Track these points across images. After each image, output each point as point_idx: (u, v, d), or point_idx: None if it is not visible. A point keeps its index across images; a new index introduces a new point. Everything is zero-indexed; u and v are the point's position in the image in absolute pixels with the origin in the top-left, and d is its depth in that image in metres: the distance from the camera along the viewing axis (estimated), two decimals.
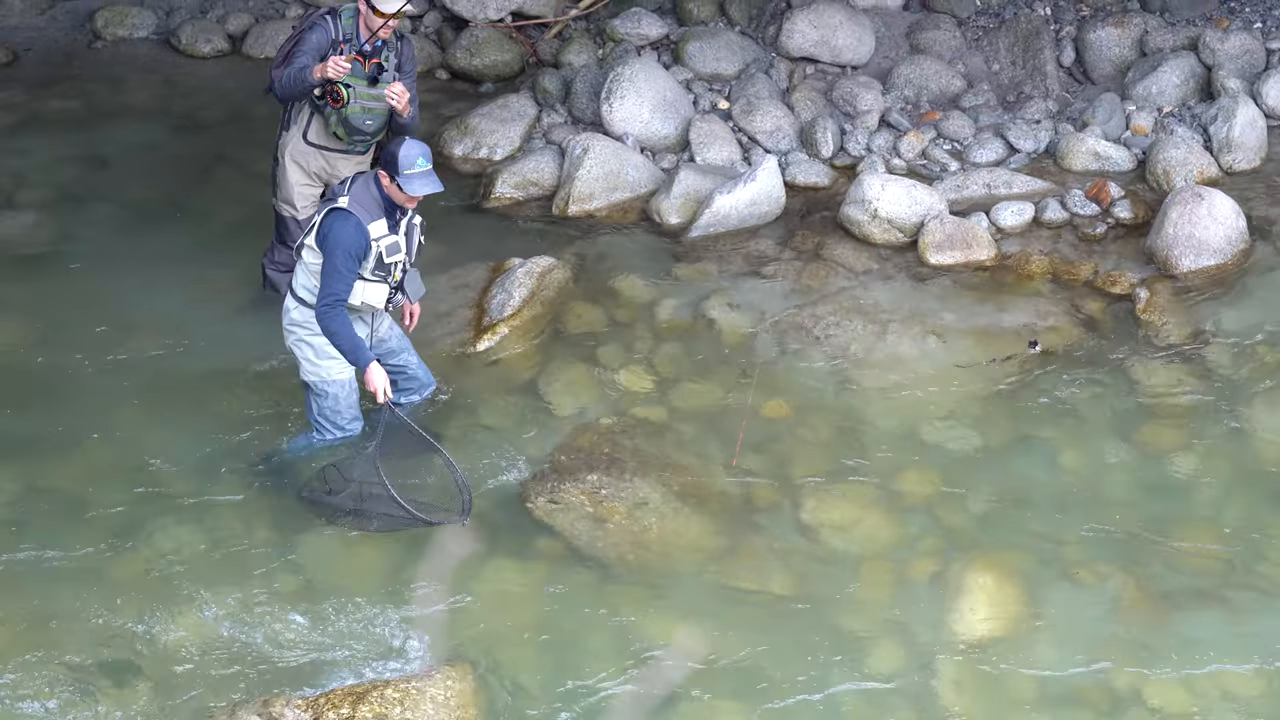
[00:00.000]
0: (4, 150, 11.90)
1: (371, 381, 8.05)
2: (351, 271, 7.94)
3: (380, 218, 8.00)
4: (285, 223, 9.52)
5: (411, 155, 7.86)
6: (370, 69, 9.04)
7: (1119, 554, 8.28)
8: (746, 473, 8.77)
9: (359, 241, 7.91)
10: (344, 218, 7.89)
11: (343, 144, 9.27)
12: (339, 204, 7.93)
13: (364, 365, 8.05)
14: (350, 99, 9.01)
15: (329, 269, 7.91)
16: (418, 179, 7.90)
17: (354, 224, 7.89)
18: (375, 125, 9.20)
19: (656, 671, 7.51)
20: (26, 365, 9.43)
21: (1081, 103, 12.37)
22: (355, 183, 8.02)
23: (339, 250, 7.87)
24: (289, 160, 9.38)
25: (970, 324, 10.00)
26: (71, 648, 7.48)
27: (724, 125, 12.01)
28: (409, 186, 7.88)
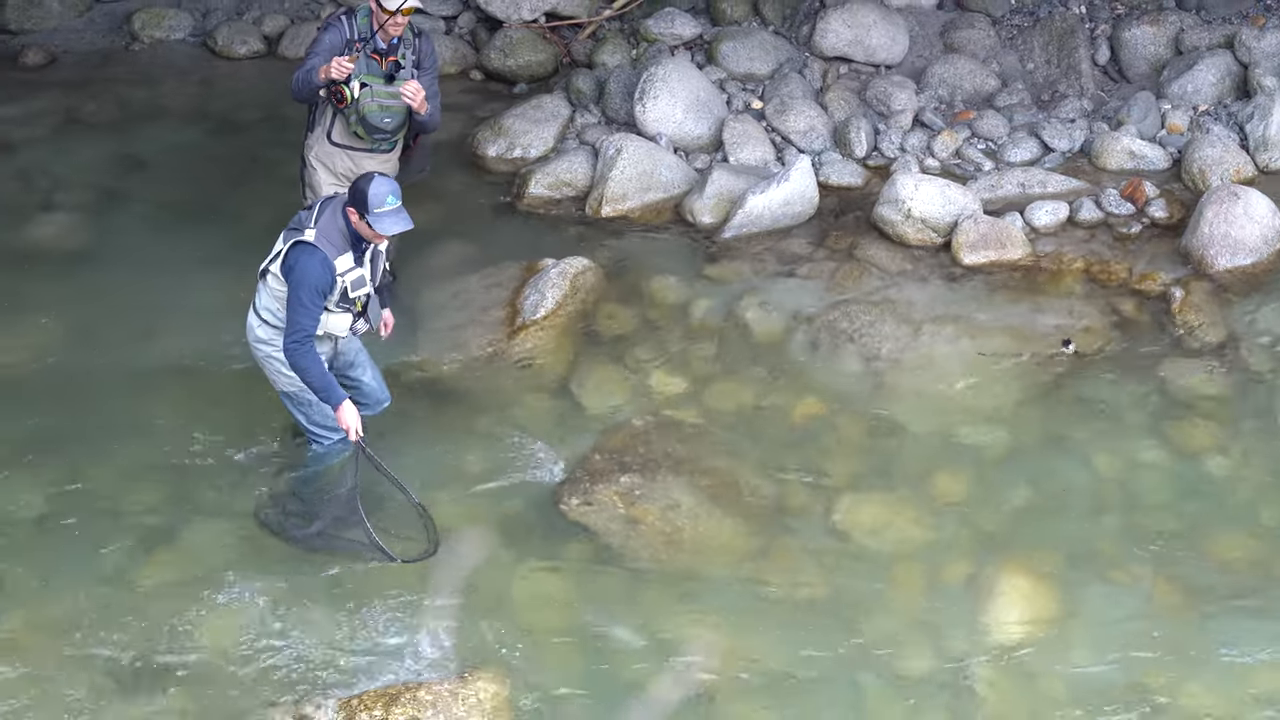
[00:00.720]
0: (42, 152, 11.98)
1: (343, 420, 8.00)
2: (318, 306, 7.87)
3: (346, 251, 7.92)
4: None
5: (381, 193, 7.73)
6: (388, 66, 9.07)
7: (1153, 555, 8.26)
8: (779, 473, 8.77)
9: (325, 277, 7.83)
10: (310, 252, 7.79)
11: (365, 143, 9.29)
12: (305, 237, 7.82)
13: (336, 404, 8.00)
14: (364, 98, 9.04)
15: (295, 304, 7.83)
16: (388, 217, 7.77)
17: (320, 259, 7.80)
18: (394, 123, 9.22)
19: (688, 673, 7.53)
20: (63, 365, 9.49)
21: (1116, 101, 12.32)
22: (323, 214, 7.89)
23: (305, 286, 7.79)
24: (316, 161, 9.43)
25: (1004, 323, 9.97)
26: (105, 648, 7.53)
27: (757, 125, 12.00)
28: (379, 225, 7.77)
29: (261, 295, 8.16)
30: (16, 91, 12.84)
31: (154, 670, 7.43)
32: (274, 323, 8.12)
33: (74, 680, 7.38)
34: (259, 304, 8.19)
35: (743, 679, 7.50)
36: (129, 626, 7.65)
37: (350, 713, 7.08)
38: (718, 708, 7.37)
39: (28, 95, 12.80)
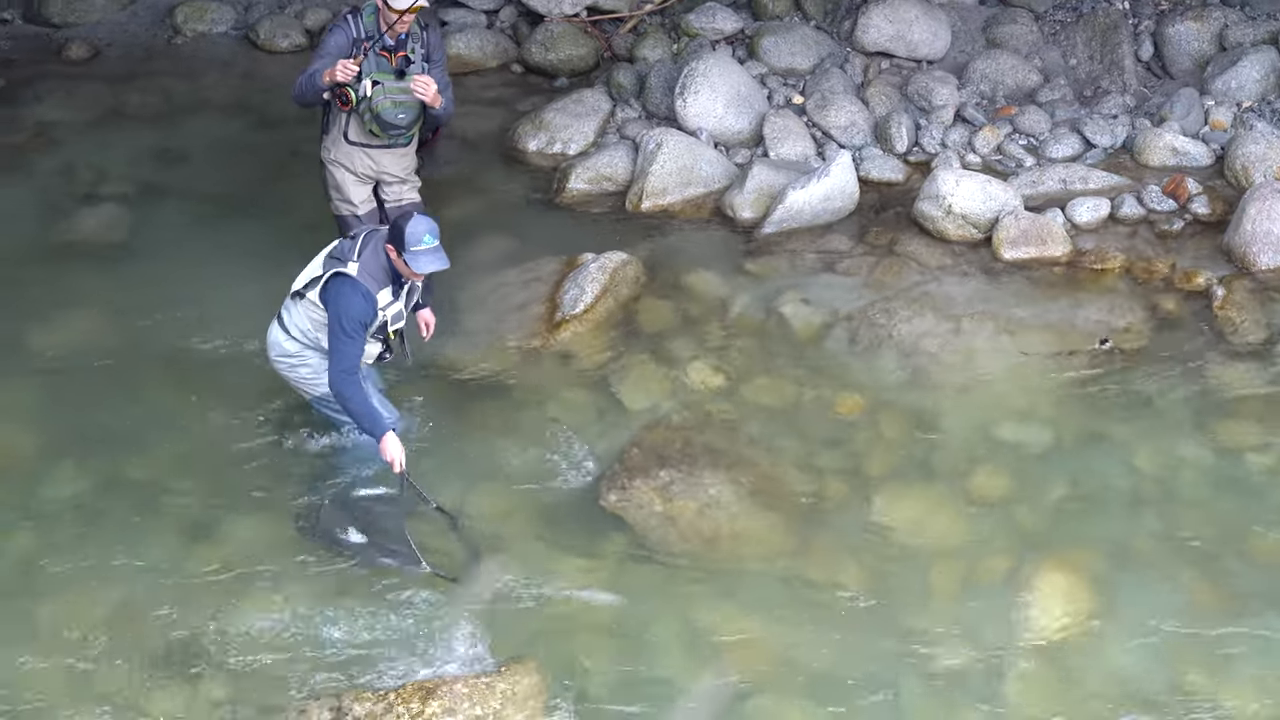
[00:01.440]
0: (85, 144, 12.06)
1: (387, 453, 8.00)
2: (361, 338, 7.92)
3: (387, 285, 7.98)
4: (345, 221, 9.57)
5: (418, 232, 7.79)
6: (397, 62, 9.08)
7: (1192, 553, 8.22)
8: (817, 468, 8.77)
9: (368, 310, 7.89)
10: (354, 286, 7.84)
11: (381, 139, 9.31)
12: (348, 270, 7.86)
13: (380, 435, 8.00)
14: (377, 96, 9.03)
15: (339, 335, 7.87)
16: (424, 256, 7.82)
17: (363, 293, 7.85)
18: (408, 118, 9.21)
19: (724, 668, 7.54)
20: (105, 357, 9.55)
21: (1159, 98, 12.26)
22: (365, 247, 7.94)
23: (349, 317, 7.84)
24: (335, 163, 9.44)
25: (1044, 320, 9.94)
26: (146, 640, 7.60)
27: (798, 120, 11.98)
28: (415, 264, 7.83)
29: (293, 313, 8.18)
30: (60, 85, 12.93)
31: (193, 660, 7.49)
32: (303, 341, 8.18)
33: (113, 669, 7.45)
34: (288, 321, 8.22)
35: (779, 675, 7.51)
36: (169, 616, 7.72)
37: (388, 705, 7.11)
38: (754, 703, 7.38)
39: (71, 88, 12.89)
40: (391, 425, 8.09)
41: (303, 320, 8.14)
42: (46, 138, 12.14)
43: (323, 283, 7.95)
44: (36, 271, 10.32)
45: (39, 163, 11.79)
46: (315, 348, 8.20)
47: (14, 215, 11.06)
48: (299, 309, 8.14)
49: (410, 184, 9.63)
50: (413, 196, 9.66)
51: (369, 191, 9.56)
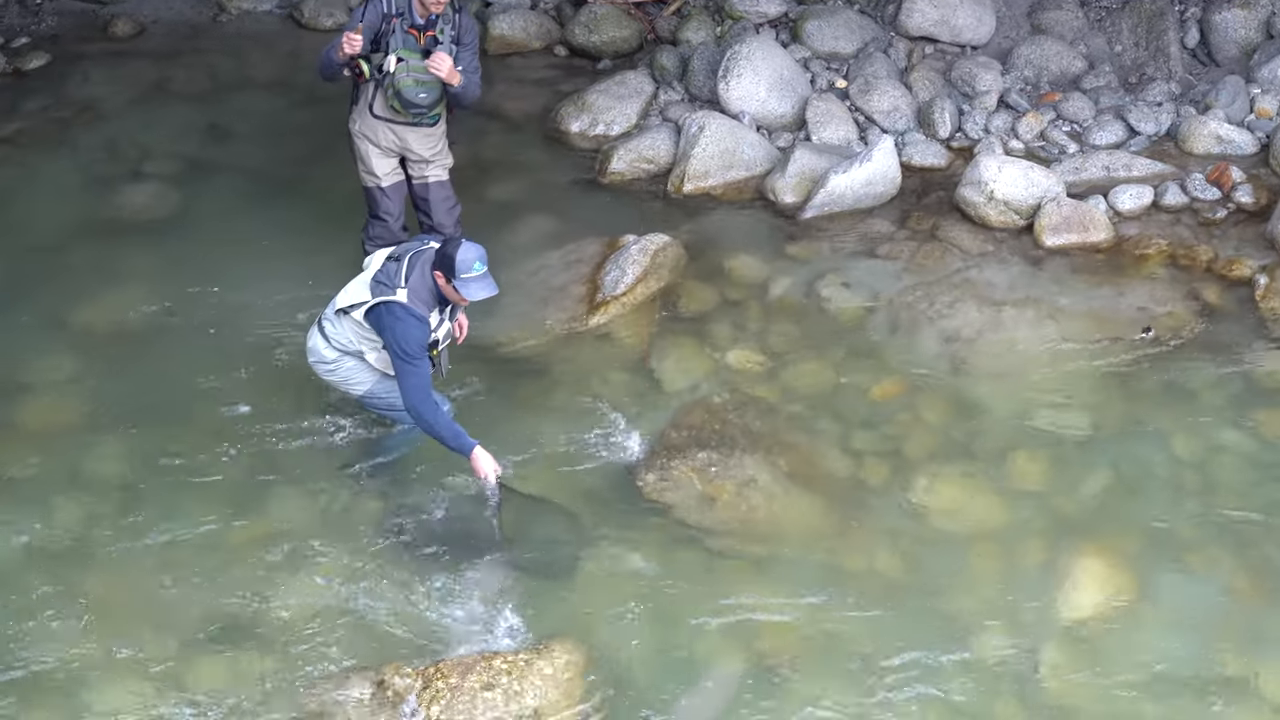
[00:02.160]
0: (130, 122, 12.14)
1: (479, 468, 7.98)
2: (426, 359, 7.92)
3: (435, 307, 7.99)
4: (371, 193, 9.65)
5: (468, 259, 7.78)
6: (425, 42, 9.10)
7: (1232, 541, 8.21)
8: (856, 452, 8.78)
9: (425, 335, 7.89)
10: (407, 312, 7.82)
11: (403, 116, 9.33)
12: (397, 298, 7.84)
13: (467, 452, 7.98)
14: (400, 73, 9.07)
15: (405, 362, 7.85)
16: (474, 283, 7.82)
17: (418, 319, 7.85)
18: (429, 97, 9.23)
19: (762, 649, 7.57)
20: (149, 333, 9.65)
21: (1205, 85, 12.19)
22: (413, 271, 7.91)
23: (410, 343, 7.84)
24: (360, 134, 9.49)
25: (1086, 307, 9.91)
26: (189, 609, 7.68)
27: (841, 104, 11.97)
28: (465, 291, 7.82)
29: (337, 328, 8.18)
30: (106, 62, 13.01)
31: (236, 632, 7.57)
32: (342, 350, 8.21)
33: (158, 639, 7.53)
34: (329, 332, 8.22)
35: (816, 656, 7.53)
36: (213, 588, 7.81)
37: (427, 680, 7.15)
38: (790, 684, 7.40)
39: (117, 65, 12.98)
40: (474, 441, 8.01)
41: (346, 334, 8.16)
42: (92, 114, 12.23)
43: (371, 308, 7.93)
44: (82, 247, 10.42)
45: (84, 139, 11.88)
46: (353, 354, 8.22)
47: (60, 191, 11.16)
48: (343, 324, 8.15)
49: (437, 164, 9.66)
50: (439, 175, 9.68)
51: (394, 164, 9.59)
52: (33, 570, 7.90)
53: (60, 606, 7.68)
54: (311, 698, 7.22)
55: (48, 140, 11.84)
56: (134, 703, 7.21)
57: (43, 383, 9.19)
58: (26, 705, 7.19)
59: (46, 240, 10.48)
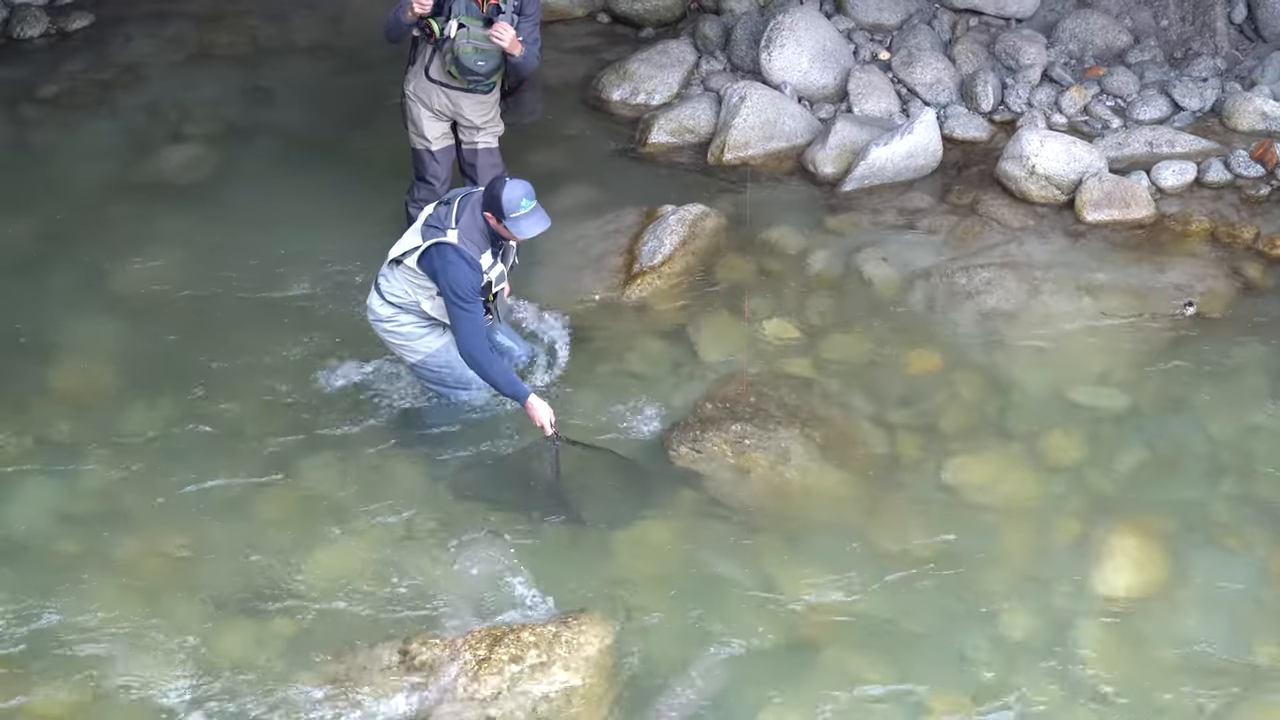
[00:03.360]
0: (172, 84, 12.17)
1: (535, 416, 8.00)
2: (479, 304, 7.97)
3: (487, 249, 8.01)
4: (420, 156, 9.63)
5: (515, 197, 7.79)
6: (488, 10, 9.08)
7: (1269, 521, 8.17)
8: (891, 426, 8.76)
9: (476, 277, 7.91)
10: (458, 254, 7.84)
11: (459, 83, 9.32)
12: (448, 239, 7.87)
13: (523, 399, 8.01)
14: (460, 39, 9.03)
15: (458, 307, 7.89)
16: (526, 220, 7.84)
17: (468, 259, 7.86)
18: (488, 66, 9.19)
19: (793, 623, 7.56)
20: (189, 294, 9.68)
21: (1251, 61, 12.08)
22: (463, 212, 7.94)
23: (462, 288, 7.86)
24: (413, 96, 9.47)
25: (1125, 283, 9.87)
26: (219, 574, 7.72)
27: (883, 76, 11.91)
28: (518, 229, 7.83)
29: (391, 281, 8.20)
30: (149, 23, 13.03)
31: (265, 598, 7.60)
32: (398, 304, 8.22)
33: (187, 603, 7.57)
34: (385, 288, 8.24)
35: (848, 631, 7.52)
36: (243, 554, 7.83)
37: (454, 651, 7.16)
38: (822, 659, 7.39)
39: (160, 27, 13.00)
40: (529, 388, 8.05)
41: (400, 285, 8.17)
42: (134, 75, 12.26)
43: (423, 252, 7.95)
44: (121, 208, 10.46)
45: (126, 100, 11.92)
46: (410, 310, 8.23)
47: (101, 152, 11.19)
48: (397, 275, 8.17)
49: (487, 131, 9.63)
50: (489, 142, 9.66)
51: (445, 129, 9.57)
52: (62, 534, 7.95)
53: (89, 571, 7.72)
54: (338, 666, 7.23)
55: (89, 101, 11.88)
56: (160, 668, 7.25)
57: (77, 344, 9.22)
58: (53, 670, 7.23)
59: (85, 201, 10.52)
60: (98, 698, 7.13)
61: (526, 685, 7.07)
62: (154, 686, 7.16)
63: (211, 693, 7.14)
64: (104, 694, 7.15)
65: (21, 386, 8.86)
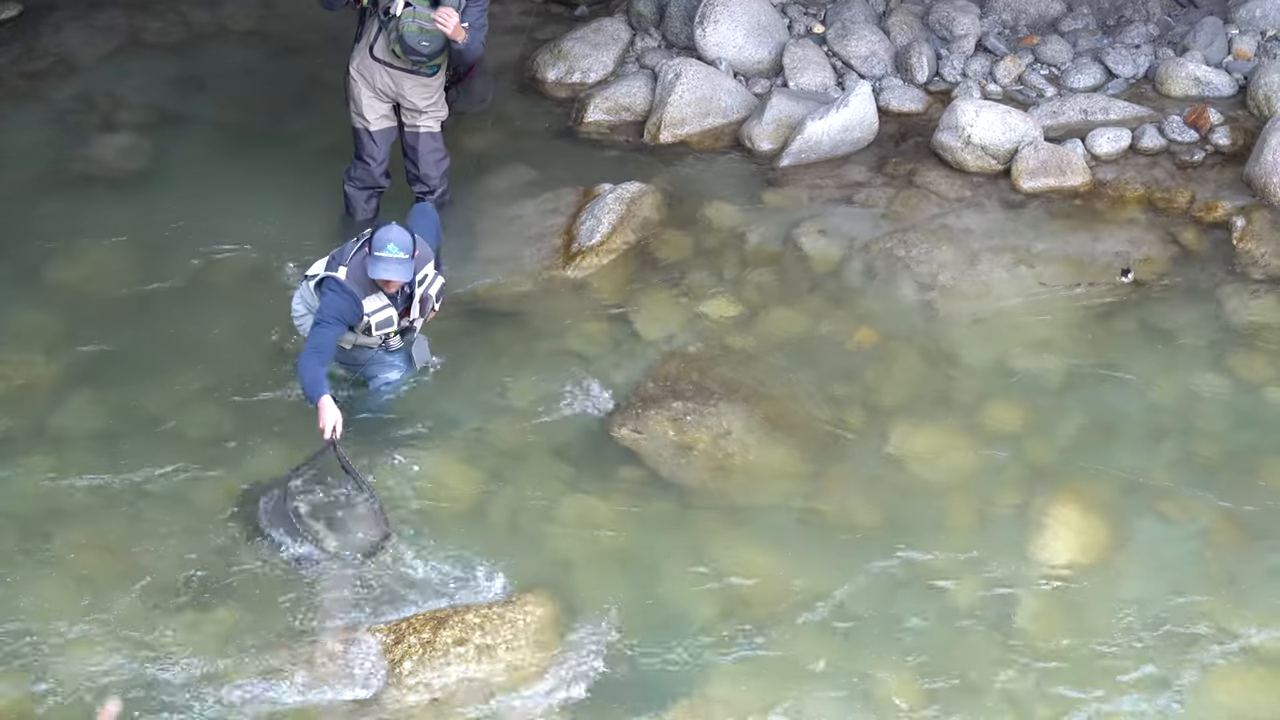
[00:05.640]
0: (103, 73, 12.01)
1: (322, 416, 7.92)
2: (338, 328, 8.05)
3: (375, 292, 8.07)
4: (358, 135, 9.61)
5: (384, 240, 7.87)
6: None
7: (1208, 487, 8.25)
8: (833, 400, 8.77)
9: (350, 312, 8.03)
10: (341, 289, 7.98)
11: (402, 63, 9.28)
12: (338, 275, 8.00)
13: (315, 399, 7.95)
14: (405, 18, 9.04)
15: (319, 322, 8.02)
16: (381, 263, 7.87)
17: (350, 299, 7.99)
18: (432, 47, 9.19)
19: (738, 600, 7.59)
20: (123, 286, 9.60)
21: (1183, 27, 12.12)
22: (356, 255, 8.04)
23: (331, 310, 8.00)
24: (356, 74, 9.45)
25: (1063, 252, 9.92)
26: (157, 571, 7.67)
27: (818, 50, 11.90)
28: (373, 268, 7.89)
29: (303, 292, 8.38)
30: (79, 12, 12.85)
31: (203, 589, 7.57)
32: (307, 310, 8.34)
33: (127, 595, 7.53)
34: (299, 294, 8.44)
35: (792, 606, 7.55)
36: (182, 545, 7.80)
37: (399, 635, 7.17)
38: (766, 634, 7.42)
39: (90, 15, 12.81)
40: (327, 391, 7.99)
41: (307, 299, 8.32)
42: (65, 65, 12.10)
43: (318, 281, 8.12)
44: (55, 200, 10.34)
45: (58, 91, 11.76)
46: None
47: (33, 144, 11.06)
48: (306, 289, 8.33)
49: (429, 115, 9.60)
50: (430, 126, 9.63)
51: (386, 110, 9.54)
52: (1, 528, 7.90)
53: (30, 564, 7.69)
54: (281, 655, 7.21)
55: (19, 93, 11.72)
56: (102, 659, 7.21)
57: (13, 337, 9.15)
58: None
59: (18, 194, 10.40)
60: (36, 693, 7.08)
61: (472, 666, 7.09)
62: (95, 680, 7.11)
63: (154, 684, 7.10)
64: (43, 688, 7.10)
65: None
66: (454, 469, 8.23)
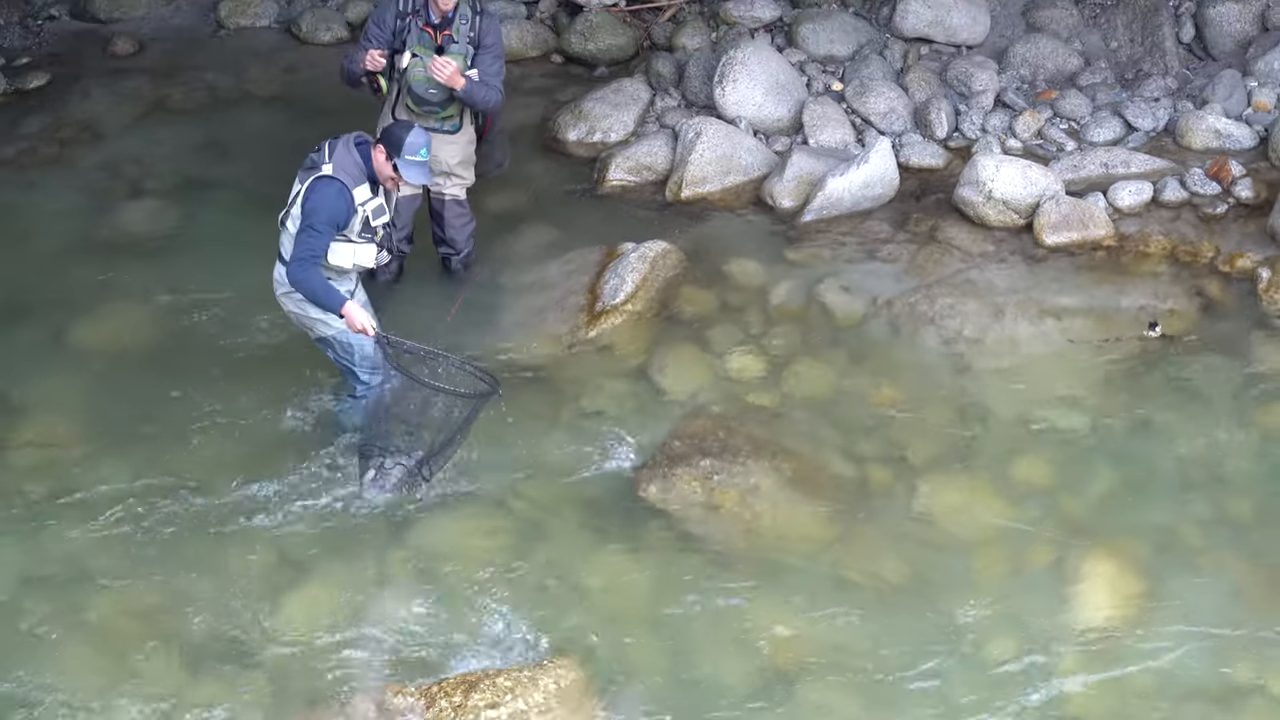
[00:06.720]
0: (130, 139, 12.13)
1: (353, 320, 8.07)
2: (328, 234, 8.08)
3: (364, 183, 8.15)
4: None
5: (416, 143, 8.13)
6: (441, 40, 9.13)
7: (1241, 541, 8.21)
8: (860, 457, 8.77)
9: (340, 205, 8.06)
10: (327, 183, 8.04)
11: (418, 115, 9.30)
12: (323, 171, 8.07)
13: (338, 306, 8.09)
14: (413, 67, 9.13)
15: (306, 231, 8.05)
16: (415, 167, 8.15)
17: (337, 188, 8.04)
18: (440, 95, 9.25)
19: (768, 658, 7.55)
20: (150, 351, 9.63)
21: (1202, 80, 12.17)
22: (335, 149, 8.13)
23: (321, 213, 8.02)
24: None
25: (1087, 305, 9.92)
26: (189, 633, 7.66)
27: (837, 107, 11.96)
28: (405, 171, 8.13)
29: (285, 244, 8.31)
30: (106, 79, 13.02)
31: (237, 654, 7.55)
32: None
33: (158, 661, 7.52)
34: (284, 251, 8.34)
35: (823, 665, 7.51)
36: (213, 610, 7.78)
37: (430, 699, 7.13)
38: (797, 693, 7.38)
39: (117, 83, 12.98)
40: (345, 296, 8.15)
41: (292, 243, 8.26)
42: (92, 132, 12.22)
43: (304, 193, 8.12)
44: (82, 265, 10.39)
45: (84, 158, 11.87)
46: None
47: (61, 210, 11.13)
48: (286, 234, 8.30)
49: (455, 181, 9.66)
50: (456, 193, 9.70)
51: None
52: (30, 594, 7.90)
53: (58, 631, 7.68)
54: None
55: (48, 160, 11.83)
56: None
57: (41, 402, 9.18)
58: None
59: (46, 259, 10.46)
60: None
61: None
62: None
63: None
64: None
65: None
66: (483, 530, 8.22)
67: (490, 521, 8.27)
